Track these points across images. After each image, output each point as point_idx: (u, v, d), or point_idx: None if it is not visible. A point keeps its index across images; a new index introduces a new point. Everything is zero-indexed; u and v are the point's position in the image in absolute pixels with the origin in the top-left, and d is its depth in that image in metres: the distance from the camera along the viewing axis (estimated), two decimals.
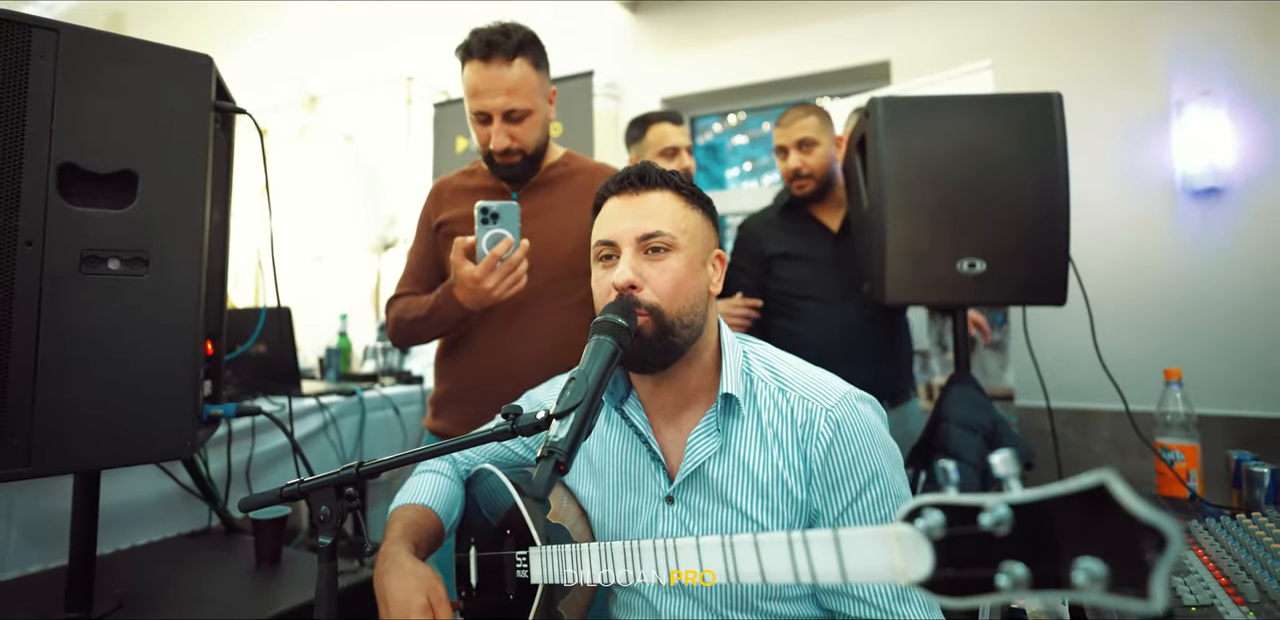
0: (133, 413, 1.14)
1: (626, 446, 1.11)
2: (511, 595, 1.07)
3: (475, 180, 1.74)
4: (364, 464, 0.92)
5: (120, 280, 1.12)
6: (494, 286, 1.42)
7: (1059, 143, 1.67)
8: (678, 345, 1.01)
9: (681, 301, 1.01)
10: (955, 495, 0.50)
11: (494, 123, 1.57)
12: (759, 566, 0.65)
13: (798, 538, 0.62)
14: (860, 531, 0.58)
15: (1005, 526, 0.46)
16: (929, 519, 0.50)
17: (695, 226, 1.06)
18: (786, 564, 0.63)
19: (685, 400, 1.08)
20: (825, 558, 0.60)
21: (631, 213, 1.04)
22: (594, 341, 0.88)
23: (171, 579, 1.45)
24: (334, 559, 0.93)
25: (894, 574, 0.53)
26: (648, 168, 1.07)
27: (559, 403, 0.78)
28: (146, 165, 1.15)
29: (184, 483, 1.71)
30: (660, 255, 1.02)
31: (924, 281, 1.69)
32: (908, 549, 0.52)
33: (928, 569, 0.51)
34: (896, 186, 1.69)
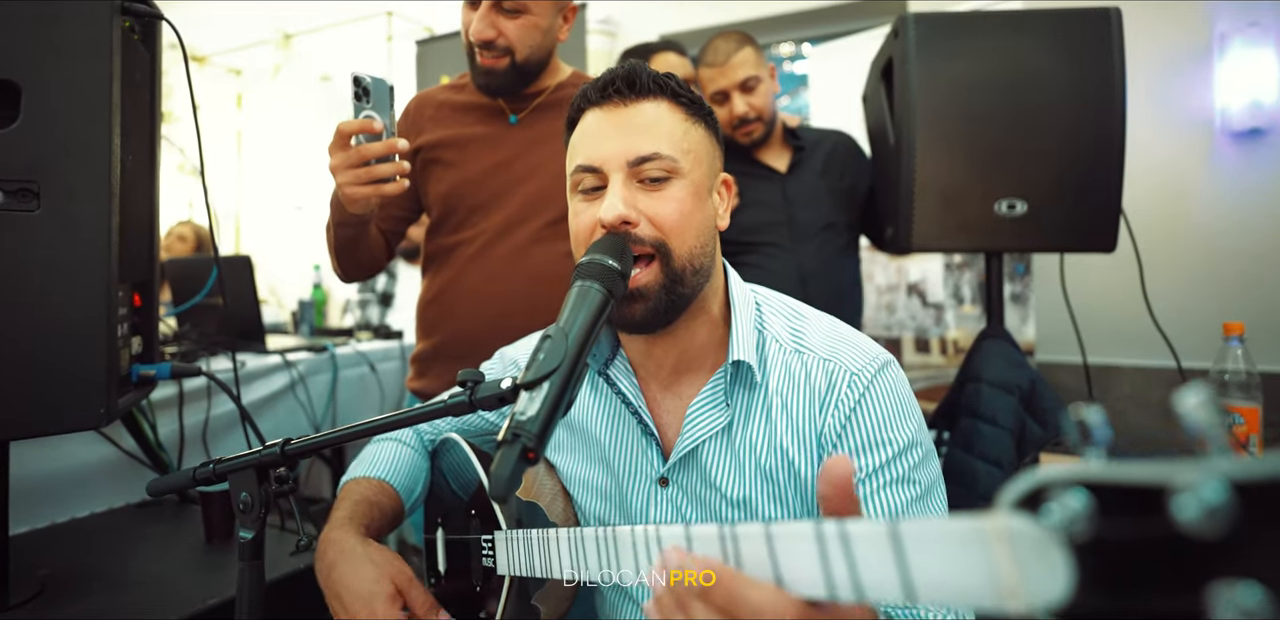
0: (32, 376, 0.96)
1: (613, 417, 0.92)
2: (479, 586, 0.91)
3: (464, 95, 1.49)
4: (290, 441, 0.74)
5: (5, 216, 0.93)
6: (336, 168, 1.13)
7: (1116, 67, 1.46)
8: (685, 296, 0.82)
9: (691, 240, 0.81)
10: (1116, 466, 0.28)
11: (480, 6, 1.31)
12: (774, 571, 0.43)
13: (832, 532, 0.40)
14: (936, 525, 0.36)
15: (1219, 521, 0.25)
16: (1066, 504, 0.28)
17: (699, 145, 0.85)
18: (815, 570, 0.41)
19: (687, 362, 0.88)
20: (878, 563, 0.37)
21: (619, 129, 0.82)
22: (577, 288, 0.69)
23: (109, 556, 1.29)
24: (259, 556, 0.76)
25: (998, 594, 0.32)
26: (637, 69, 0.84)
27: (529, 368, 0.60)
28: (32, 76, 0.94)
29: (127, 449, 1.54)
30: (659, 185, 0.81)
31: (956, 224, 1.49)
32: (1023, 554, 0.31)
33: (1062, 588, 0.29)
34: (927, 117, 1.48)
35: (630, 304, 0.79)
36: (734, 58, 1.81)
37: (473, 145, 1.45)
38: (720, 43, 1.85)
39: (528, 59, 1.37)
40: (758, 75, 1.82)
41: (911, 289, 2.83)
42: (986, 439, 1.45)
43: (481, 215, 1.43)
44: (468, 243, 1.44)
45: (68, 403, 0.99)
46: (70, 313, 0.98)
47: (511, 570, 0.82)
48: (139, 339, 1.20)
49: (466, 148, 1.45)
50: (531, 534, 0.78)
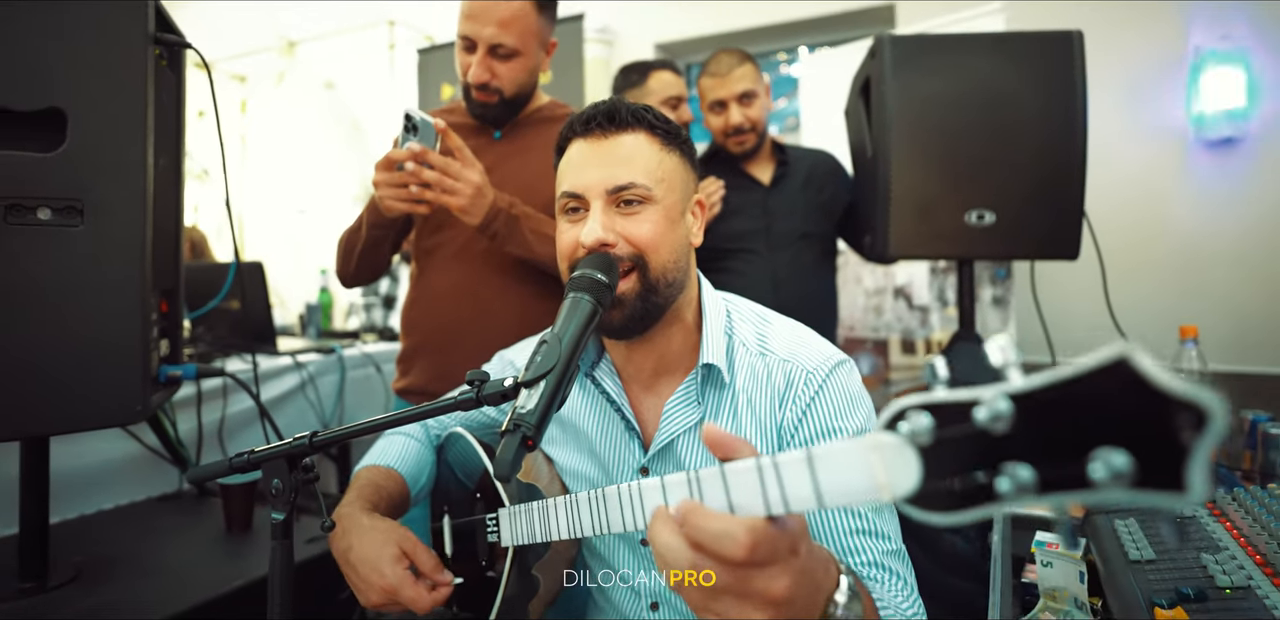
0: (75, 376, 1.05)
1: (600, 414, 1.02)
2: (484, 562, 1.00)
3: (454, 117, 1.62)
4: (318, 434, 0.83)
5: (52, 231, 1.02)
6: (379, 184, 1.34)
7: (1078, 86, 1.56)
8: (659, 306, 0.91)
9: (665, 255, 0.90)
10: (944, 392, 0.41)
11: (477, 52, 1.46)
12: (727, 500, 0.53)
13: (767, 463, 0.50)
14: (835, 446, 0.47)
15: (1004, 423, 0.37)
16: (914, 423, 0.41)
17: (673, 172, 0.94)
18: (756, 492, 0.51)
19: (664, 366, 0.99)
20: (798, 480, 0.49)
21: (600, 160, 0.91)
22: (570, 300, 0.79)
23: (137, 545, 1.38)
24: (288, 536, 0.85)
25: (875, 491, 0.44)
26: (617, 105, 0.93)
27: (528, 369, 0.69)
28: (77, 103, 1.03)
29: (150, 445, 1.63)
30: (634, 209, 0.90)
31: (930, 233, 1.59)
32: (890, 460, 0.43)
33: (914, 481, 0.42)
34: (903, 132, 1.58)
35: (609, 311, 0.87)
36: (735, 71, 1.95)
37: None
38: (724, 56, 1.99)
39: (516, 94, 1.53)
40: (755, 90, 1.96)
41: (898, 292, 2.93)
42: None
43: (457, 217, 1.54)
44: (448, 243, 1.56)
45: (107, 400, 1.08)
46: (109, 318, 1.07)
47: (515, 541, 0.91)
48: (166, 342, 1.29)
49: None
50: (533, 505, 0.87)
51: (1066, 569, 0.91)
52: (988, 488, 0.38)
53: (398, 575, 0.88)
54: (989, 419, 0.37)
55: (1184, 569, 0.83)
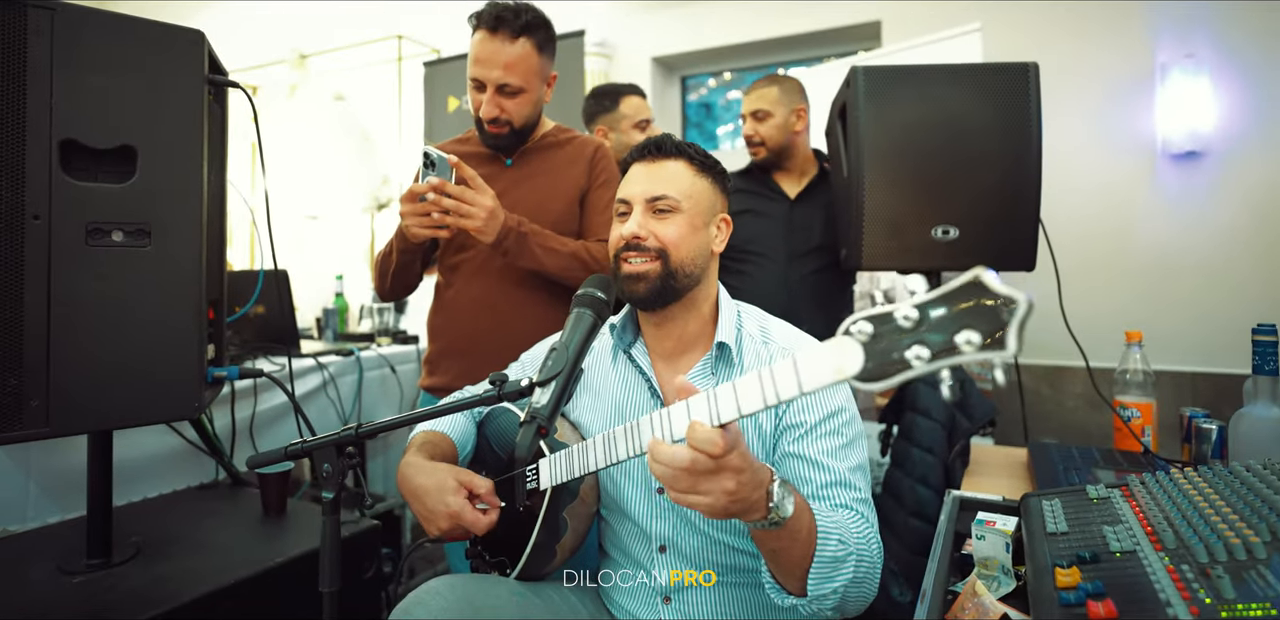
0: (142, 376, 1.21)
1: (631, 385, 1.24)
2: (521, 507, 1.16)
3: (468, 147, 1.81)
4: (362, 426, 0.99)
5: (125, 251, 1.18)
6: (405, 214, 1.53)
7: (1033, 113, 1.71)
8: (675, 288, 1.15)
9: (685, 251, 1.15)
10: (875, 308, 0.63)
11: (487, 92, 1.64)
12: (736, 403, 0.75)
13: (765, 371, 0.73)
14: (809, 349, 0.68)
15: (911, 321, 0.59)
16: (859, 326, 0.62)
17: (701, 192, 1.19)
18: (756, 391, 0.73)
19: (684, 346, 1.22)
20: (785, 376, 0.70)
21: (646, 177, 1.18)
22: (574, 314, 0.96)
23: (184, 528, 1.54)
24: (337, 512, 1.01)
25: (835, 373, 0.64)
26: (665, 139, 1.21)
27: (541, 371, 0.86)
28: (145, 140, 1.20)
29: (191, 439, 1.79)
30: (665, 215, 1.16)
31: (899, 247, 1.75)
32: (845, 353, 0.63)
33: (860, 363, 0.62)
34: (875, 155, 1.73)
35: (635, 283, 1.14)
36: (756, 91, 2.27)
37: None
38: (760, 79, 2.32)
39: (524, 125, 1.72)
40: (768, 109, 2.23)
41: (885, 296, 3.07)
42: (923, 430, 1.71)
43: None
44: (470, 260, 1.75)
45: (169, 398, 1.24)
46: (170, 325, 1.24)
47: (555, 480, 1.08)
48: (212, 346, 1.45)
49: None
50: (571, 449, 1.04)
51: (996, 541, 1.06)
52: (904, 362, 0.60)
53: (459, 503, 1.07)
54: (902, 318, 0.60)
55: (1087, 538, 0.98)
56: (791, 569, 0.94)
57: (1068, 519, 1.06)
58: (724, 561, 1.17)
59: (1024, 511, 1.16)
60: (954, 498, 1.30)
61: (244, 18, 4.66)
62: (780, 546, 0.91)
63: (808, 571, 0.93)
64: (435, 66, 3.98)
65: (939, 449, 1.68)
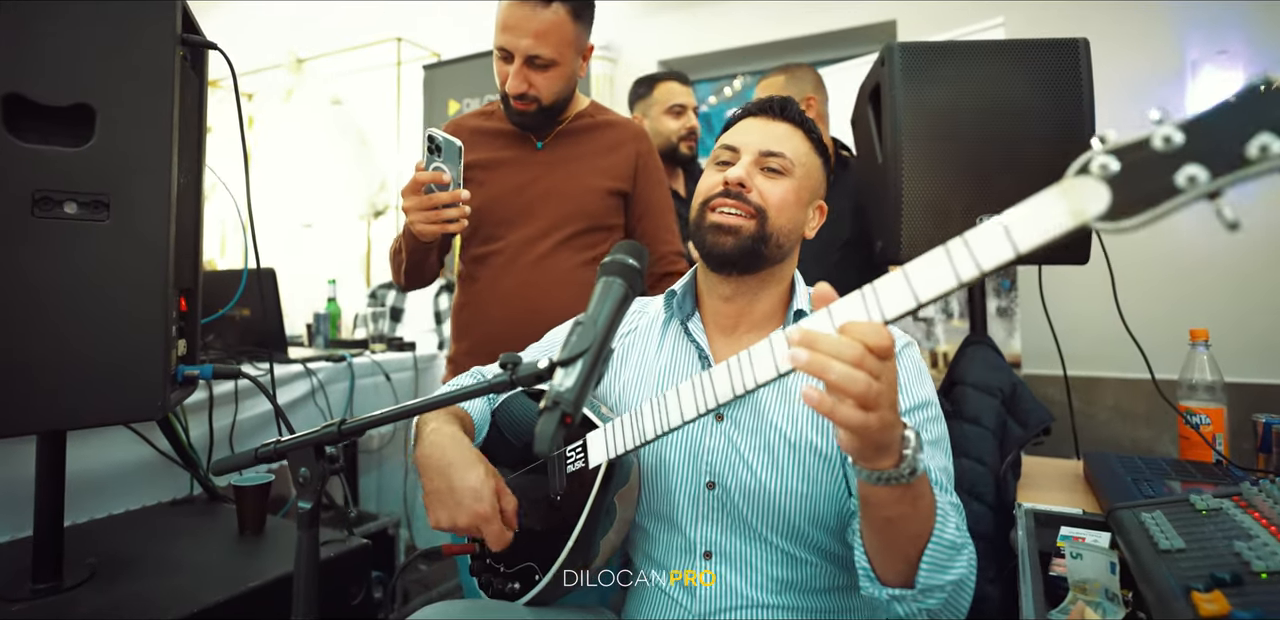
0: (97, 370, 1.06)
1: (685, 362, 1.11)
2: (559, 496, 1.00)
3: (493, 122, 1.64)
4: (346, 421, 0.83)
5: (79, 225, 1.03)
6: (409, 209, 1.35)
7: (1085, 92, 1.58)
8: (764, 257, 1.05)
9: (785, 219, 1.05)
10: (1124, 137, 0.53)
11: (514, 63, 1.48)
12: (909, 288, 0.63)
13: (955, 241, 0.62)
14: (1020, 206, 0.58)
15: (1174, 144, 0.49)
16: (1099, 162, 0.53)
17: (813, 166, 1.10)
18: (943, 264, 0.62)
19: (751, 323, 1.10)
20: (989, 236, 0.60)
21: (762, 132, 1.08)
22: (602, 283, 0.80)
23: (149, 548, 1.37)
24: (315, 525, 0.85)
25: (1073, 216, 0.54)
26: (790, 102, 1.11)
27: (564, 349, 0.70)
28: (105, 98, 1.05)
29: (163, 450, 1.62)
30: (775, 175, 1.06)
31: (941, 238, 1.57)
32: (1081, 193, 0.54)
33: (1106, 201, 0.52)
34: (913, 138, 1.59)
35: (723, 236, 1.03)
36: (765, 80, 2.19)
37: (502, 167, 1.60)
38: (775, 69, 2.24)
39: (554, 103, 1.54)
40: (814, 97, 2.15)
41: None
42: (970, 438, 1.55)
43: (508, 228, 1.58)
44: (498, 253, 1.58)
45: (128, 396, 1.08)
46: (132, 313, 1.08)
47: (618, 449, 0.91)
48: (183, 342, 1.29)
49: (496, 169, 1.59)
50: (641, 408, 0.88)
51: (1097, 560, 0.90)
52: (1169, 186, 0.50)
53: (495, 508, 0.93)
54: (1163, 140, 0.50)
55: (1216, 556, 0.82)
56: (904, 548, 0.79)
57: (1180, 534, 0.90)
58: (780, 575, 1.01)
59: (1117, 526, 1.00)
60: (1027, 511, 1.14)
61: (239, 21, 4.55)
62: (899, 513, 0.76)
63: (922, 553, 0.78)
64: (435, 70, 3.86)
65: (990, 459, 1.52)
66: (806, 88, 2.16)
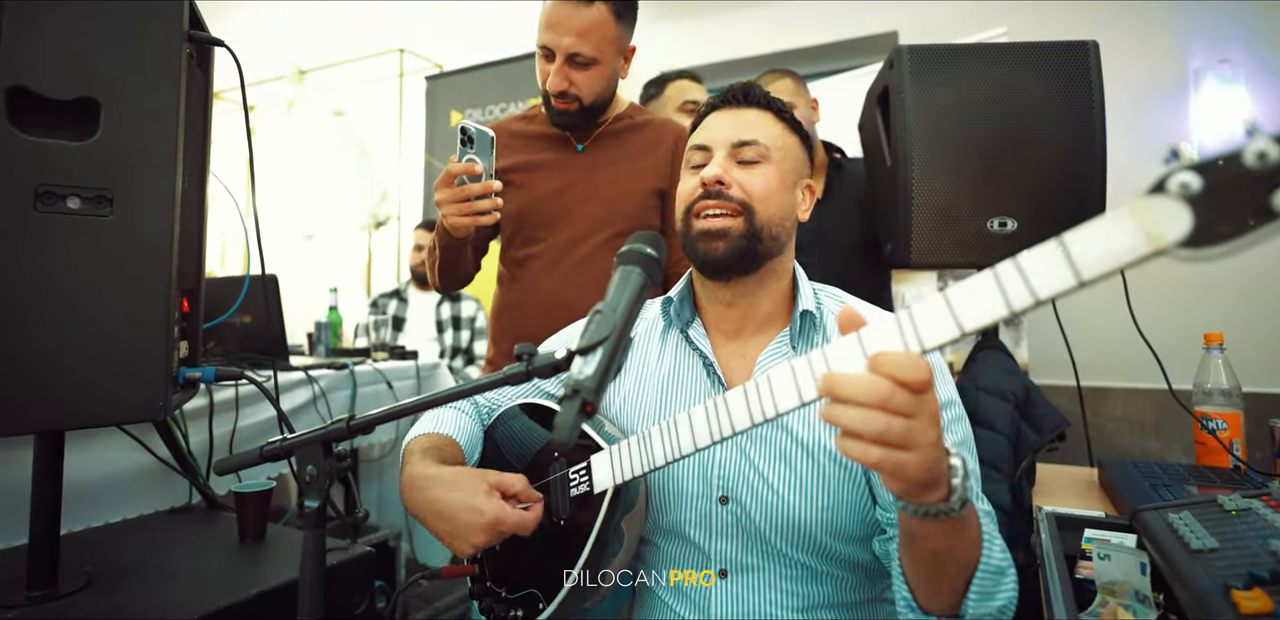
0: (97, 369, 1.03)
1: (688, 371, 1.07)
2: (561, 520, 0.96)
3: (535, 126, 1.65)
4: (355, 417, 0.81)
5: (81, 220, 1.01)
6: (442, 202, 1.33)
7: (1095, 94, 1.57)
8: (759, 252, 0.99)
9: (773, 208, 1.00)
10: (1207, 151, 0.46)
11: (556, 61, 1.48)
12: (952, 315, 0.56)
13: (1006, 264, 0.54)
14: (1084, 228, 0.51)
15: (1274, 158, 0.42)
16: (1179, 180, 0.46)
17: (791, 147, 1.05)
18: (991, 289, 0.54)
19: (755, 326, 1.05)
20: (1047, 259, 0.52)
21: (729, 122, 1.04)
22: (620, 272, 0.78)
23: (147, 556, 1.34)
24: (321, 525, 0.82)
25: (1148, 241, 0.47)
26: (753, 87, 1.07)
27: (583, 337, 0.68)
28: (110, 93, 1.03)
29: (162, 456, 1.59)
30: (752, 165, 1.01)
31: (951, 241, 1.59)
32: (1157, 214, 0.47)
33: (1187, 225, 0.46)
34: (922, 140, 1.58)
35: (713, 241, 0.98)
36: (773, 85, 2.08)
37: (542, 170, 1.60)
38: (768, 73, 2.15)
39: (595, 102, 1.55)
40: (793, 102, 2.01)
41: None
42: (984, 444, 1.52)
43: (548, 231, 1.58)
44: (538, 256, 1.58)
45: (128, 395, 1.05)
46: (133, 311, 1.05)
47: (624, 475, 0.86)
48: (185, 344, 1.27)
49: (536, 172, 1.60)
50: (650, 431, 0.83)
51: (1126, 561, 0.88)
52: (1264, 209, 0.44)
53: (495, 507, 0.87)
54: (1256, 156, 0.43)
55: (1251, 555, 0.80)
56: (951, 579, 0.74)
57: (1212, 534, 0.88)
58: (801, 591, 0.96)
59: (1143, 528, 0.97)
60: (1049, 515, 1.11)
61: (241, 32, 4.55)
62: (948, 545, 0.71)
63: (970, 581, 0.74)
64: (437, 81, 3.87)
65: (1004, 465, 1.49)
66: (805, 90, 2.14)
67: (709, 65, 3.74)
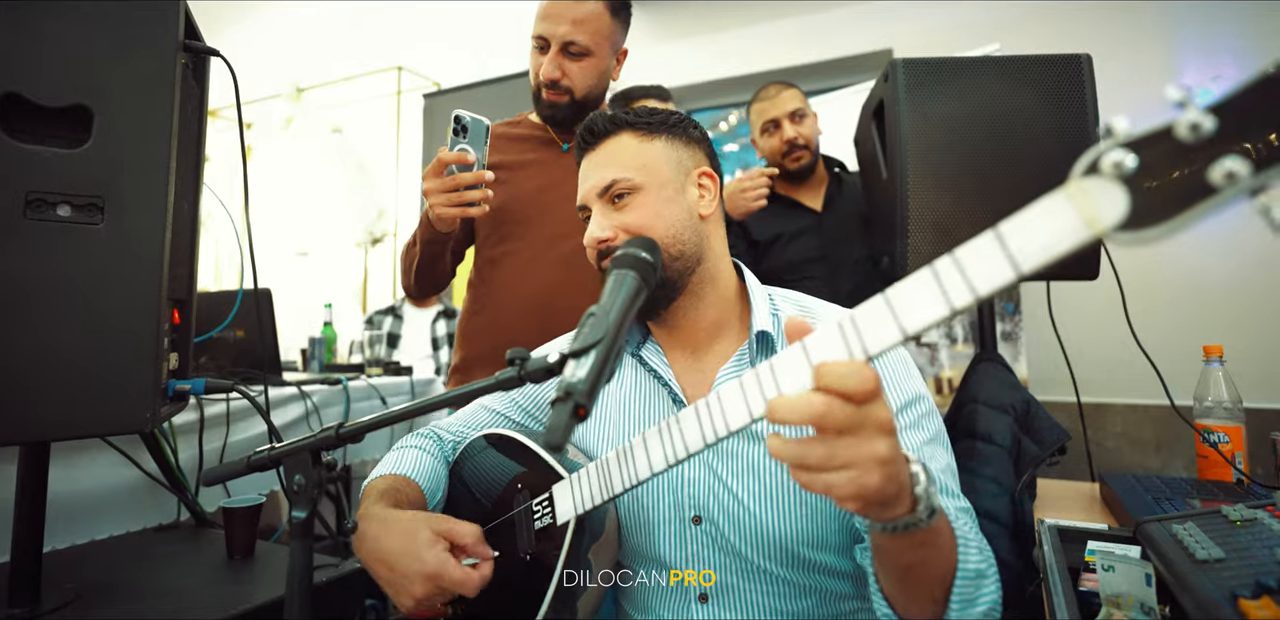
0: (85, 379, 1.01)
1: (646, 393, 1.04)
2: (528, 555, 0.93)
3: (521, 129, 1.65)
4: (344, 425, 0.80)
5: (72, 228, 1.00)
6: (429, 191, 1.31)
7: (1089, 107, 1.57)
8: (672, 280, 0.96)
9: (661, 230, 0.96)
10: (1136, 128, 0.44)
11: (549, 51, 1.50)
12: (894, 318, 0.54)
13: (944, 260, 0.52)
14: (1020, 216, 0.49)
15: (1207, 129, 0.41)
16: (1112, 158, 0.44)
17: (656, 157, 1.00)
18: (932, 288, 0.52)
19: (707, 339, 1.02)
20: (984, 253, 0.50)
21: (590, 170, 1.01)
22: (614, 276, 0.77)
23: (133, 573, 1.31)
24: (309, 535, 0.80)
25: (1086, 226, 0.45)
26: (594, 118, 1.03)
27: (575, 340, 0.66)
28: (103, 101, 1.02)
29: (150, 472, 1.57)
30: (624, 201, 0.98)
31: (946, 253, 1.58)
32: (1092, 197, 0.45)
33: (1124, 206, 0.44)
34: (917, 152, 1.58)
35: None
36: (784, 93, 2.09)
37: (525, 168, 1.60)
38: (771, 84, 2.13)
39: (586, 96, 1.55)
40: (804, 109, 2.07)
41: None
42: (985, 457, 1.50)
43: (526, 227, 1.56)
44: (516, 253, 1.56)
45: (116, 407, 1.04)
46: (123, 321, 1.04)
47: (584, 505, 0.84)
48: (176, 355, 1.25)
49: (519, 170, 1.59)
50: (607, 458, 0.81)
51: (1131, 572, 0.86)
52: (1201, 185, 0.42)
53: (438, 558, 0.83)
54: (1190, 128, 0.42)
55: (1259, 565, 0.78)
56: (929, 590, 0.72)
57: (1218, 544, 0.86)
58: (785, 607, 0.93)
59: (1146, 540, 0.95)
60: (1051, 527, 1.09)
61: (241, 49, 4.59)
62: (921, 558, 0.69)
63: (950, 592, 0.71)
64: (435, 98, 3.89)
65: (1004, 479, 1.47)
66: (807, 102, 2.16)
67: (704, 83, 3.77)
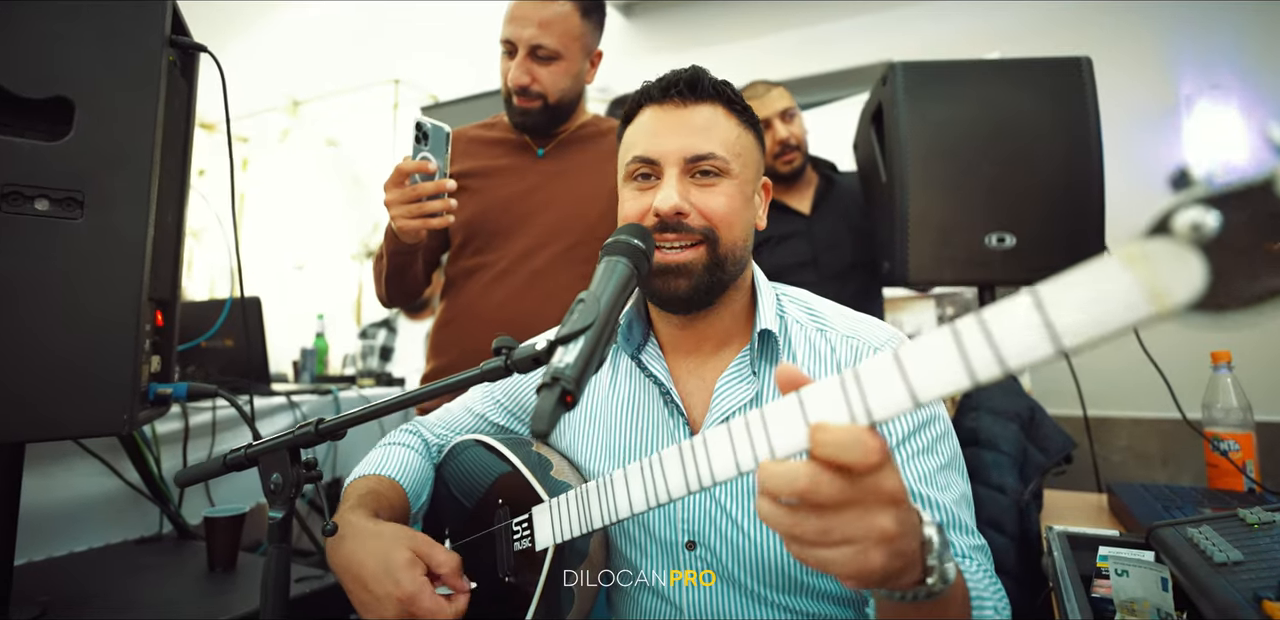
0: (60, 379, 0.97)
1: (643, 399, 0.96)
2: (506, 577, 0.89)
3: (495, 132, 1.61)
4: (324, 421, 0.76)
5: (50, 223, 0.97)
6: (390, 203, 1.25)
7: (1090, 108, 1.56)
8: (723, 281, 0.88)
9: (737, 231, 0.88)
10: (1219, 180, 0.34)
11: (518, 56, 1.45)
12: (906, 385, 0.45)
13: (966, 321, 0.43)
14: (1070, 277, 0.39)
15: None
16: (1189, 217, 0.34)
17: (748, 150, 0.91)
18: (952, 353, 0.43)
19: (714, 346, 0.95)
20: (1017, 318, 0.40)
21: (678, 127, 0.88)
22: (605, 263, 0.74)
23: (111, 585, 1.26)
24: (286, 538, 0.76)
25: (1149, 300, 0.36)
26: (700, 74, 0.90)
27: (564, 326, 0.63)
28: (85, 94, 1.00)
29: (132, 482, 1.53)
30: (711, 180, 0.87)
31: (949, 257, 1.56)
32: (1158, 265, 0.35)
33: (1200, 279, 0.34)
34: (917, 155, 1.57)
35: (675, 279, 0.86)
36: (772, 92, 2.02)
37: (499, 175, 1.55)
38: (759, 83, 2.06)
39: (559, 101, 1.50)
40: (793, 107, 2.02)
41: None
42: (990, 466, 1.47)
43: (503, 239, 1.52)
44: (490, 266, 1.51)
45: (93, 408, 1.00)
46: (102, 319, 1.00)
47: (563, 535, 0.80)
48: (158, 358, 1.22)
49: (492, 177, 1.55)
50: (586, 488, 0.76)
51: (1146, 577, 0.82)
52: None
53: (416, 582, 0.78)
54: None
55: (1279, 566, 0.75)
56: None
57: (1236, 547, 0.82)
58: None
59: (1161, 545, 0.92)
60: (1060, 533, 1.06)
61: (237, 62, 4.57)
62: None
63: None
64: (432, 111, 3.88)
65: (1010, 487, 1.43)
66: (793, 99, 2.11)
67: None
